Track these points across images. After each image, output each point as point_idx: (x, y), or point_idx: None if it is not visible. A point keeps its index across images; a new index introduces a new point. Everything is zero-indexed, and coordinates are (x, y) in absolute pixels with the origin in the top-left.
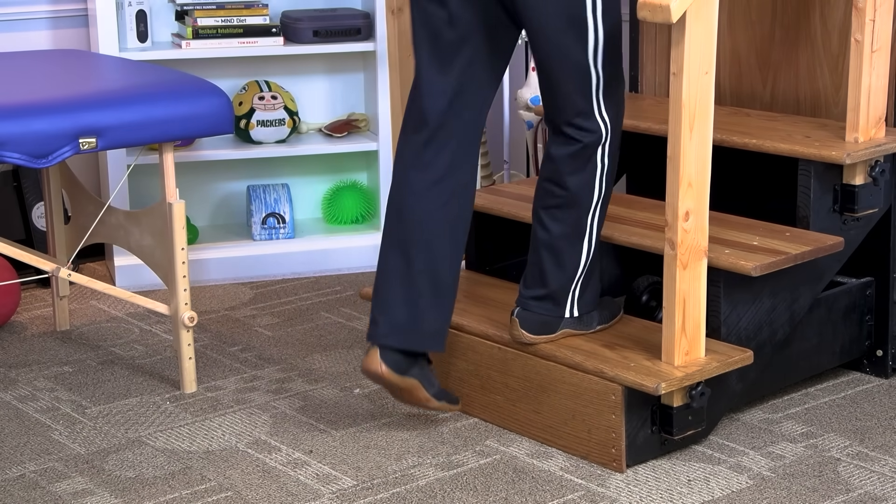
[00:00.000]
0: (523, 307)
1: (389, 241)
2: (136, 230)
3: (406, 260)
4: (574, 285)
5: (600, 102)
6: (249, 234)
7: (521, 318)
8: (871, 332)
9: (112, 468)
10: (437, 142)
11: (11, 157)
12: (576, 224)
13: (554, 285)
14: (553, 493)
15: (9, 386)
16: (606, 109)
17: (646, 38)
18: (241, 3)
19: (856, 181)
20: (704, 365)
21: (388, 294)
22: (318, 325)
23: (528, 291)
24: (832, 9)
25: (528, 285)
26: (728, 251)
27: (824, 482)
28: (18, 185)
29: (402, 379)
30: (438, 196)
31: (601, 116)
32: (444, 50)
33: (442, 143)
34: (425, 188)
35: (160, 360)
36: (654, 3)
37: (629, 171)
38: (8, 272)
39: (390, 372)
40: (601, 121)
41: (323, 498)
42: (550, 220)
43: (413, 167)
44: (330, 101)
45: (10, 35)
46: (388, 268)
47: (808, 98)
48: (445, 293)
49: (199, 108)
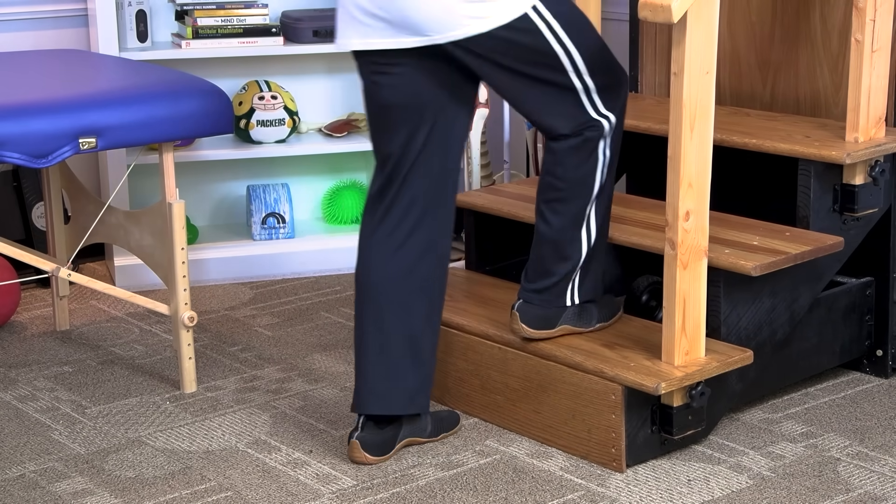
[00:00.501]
0: (525, 300)
1: (358, 312)
2: (136, 230)
3: (380, 334)
4: (574, 273)
5: (596, 104)
6: (249, 234)
7: (522, 312)
8: (871, 332)
9: (112, 468)
10: (399, 202)
11: (11, 157)
12: (576, 216)
13: (556, 277)
14: (553, 493)
15: (9, 386)
16: (607, 107)
17: (646, 38)
18: (241, 2)
19: (856, 181)
20: (704, 365)
21: (366, 362)
22: (318, 325)
23: (529, 284)
24: (832, 9)
25: (530, 278)
26: (728, 251)
27: (824, 482)
28: (18, 185)
29: (390, 454)
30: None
31: (600, 114)
32: (400, 117)
33: (403, 202)
34: (388, 254)
35: (160, 360)
36: (655, 4)
37: (629, 171)
38: (8, 272)
39: (377, 458)
40: (602, 117)
41: (323, 498)
42: (551, 214)
43: (372, 239)
44: (330, 101)
45: (10, 35)
46: (361, 336)
47: (808, 98)
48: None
49: (199, 108)
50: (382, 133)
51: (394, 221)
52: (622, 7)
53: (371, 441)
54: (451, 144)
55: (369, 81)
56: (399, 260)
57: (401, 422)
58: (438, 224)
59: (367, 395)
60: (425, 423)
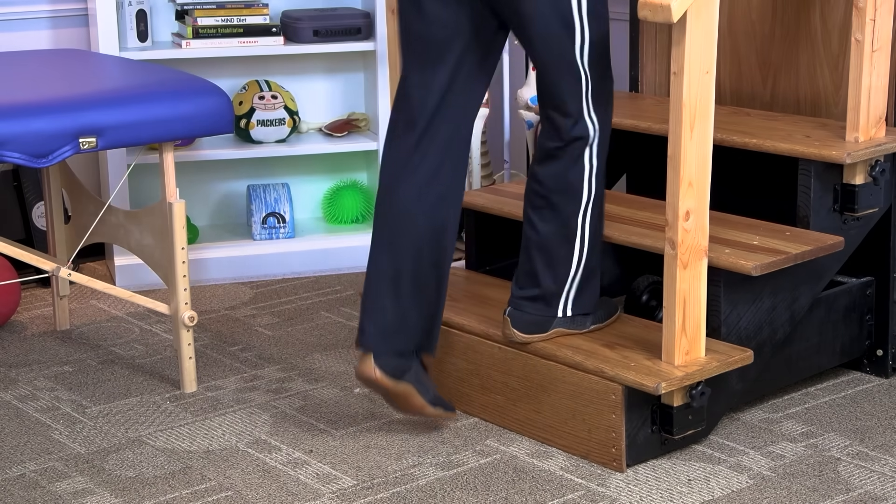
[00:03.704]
0: (515, 307)
1: (377, 246)
2: (137, 230)
3: (394, 264)
4: (568, 286)
5: (589, 104)
6: (249, 233)
7: (513, 318)
8: (871, 332)
9: (112, 468)
10: (425, 144)
11: (11, 157)
12: (565, 224)
13: (545, 286)
14: (553, 493)
15: (9, 386)
16: (595, 111)
17: (646, 38)
18: (242, 2)
19: (856, 181)
20: (704, 364)
21: (376, 298)
22: (318, 325)
23: (519, 292)
24: (832, 8)
25: (521, 285)
26: (728, 251)
27: (824, 482)
28: (18, 185)
29: (396, 384)
30: (426, 199)
31: (590, 117)
32: (431, 52)
33: (430, 146)
34: (414, 191)
35: (160, 359)
36: (655, 3)
37: (629, 171)
38: (8, 272)
39: (384, 377)
40: (590, 122)
41: (323, 497)
42: (539, 221)
43: (402, 170)
44: (330, 101)
45: (10, 35)
46: (376, 272)
47: (808, 98)
48: (434, 295)
49: (199, 107)
50: (410, 66)
51: (417, 160)
52: (622, 7)
53: (384, 363)
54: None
55: (405, 9)
56: (422, 201)
57: (411, 363)
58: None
59: (373, 330)
60: (429, 386)
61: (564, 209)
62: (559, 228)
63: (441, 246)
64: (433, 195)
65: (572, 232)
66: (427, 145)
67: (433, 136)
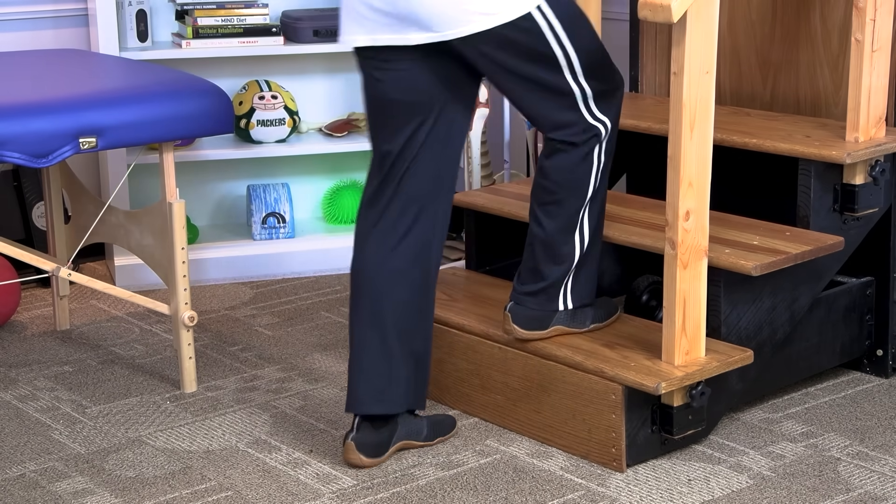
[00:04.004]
0: (516, 302)
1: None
2: (137, 230)
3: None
4: (567, 277)
5: (592, 109)
6: (249, 233)
7: (514, 313)
8: (871, 332)
9: (112, 468)
10: (396, 201)
11: (11, 157)
12: (570, 219)
13: (548, 280)
14: (553, 493)
15: (9, 386)
16: (602, 112)
17: (646, 38)
18: (241, 2)
19: (856, 181)
20: (705, 364)
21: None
22: (318, 325)
23: (522, 287)
24: (832, 9)
25: (523, 280)
26: (728, 251)
27: (824, 482)
28: (18, 185)
29: (385, 456)
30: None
31: (596, 119)
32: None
33: (401, 201)
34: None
35: (160, 359)
36: (655, 3)
37: (629, 171)
38: (8, 272)
39: (372, 460)
40: (597, 122)
41: (323, 497)
42: (545, 217)
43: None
44: (330, 101)
45: (10, 35)
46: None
47: (808, 98)
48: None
49: (199, 107)
50: (382, 130)
51: (391, 220)
52: (622, 7)
53: (366, 442)
54: (451, 143)
55: (371, 78)
56: (395, 258)
57: (396, 423)
58: (435, 223)
59: (364, 394)
60: (421, 426)
61: (570, 205)
62: (564, 224)
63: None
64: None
65: (575, 226)
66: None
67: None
